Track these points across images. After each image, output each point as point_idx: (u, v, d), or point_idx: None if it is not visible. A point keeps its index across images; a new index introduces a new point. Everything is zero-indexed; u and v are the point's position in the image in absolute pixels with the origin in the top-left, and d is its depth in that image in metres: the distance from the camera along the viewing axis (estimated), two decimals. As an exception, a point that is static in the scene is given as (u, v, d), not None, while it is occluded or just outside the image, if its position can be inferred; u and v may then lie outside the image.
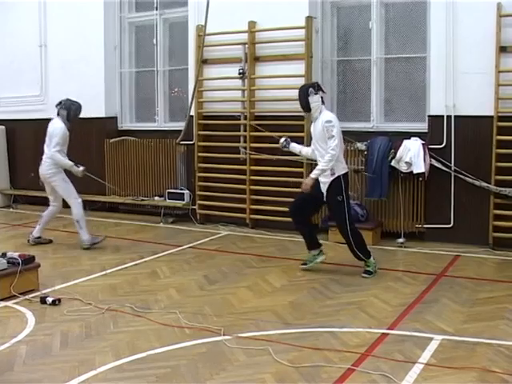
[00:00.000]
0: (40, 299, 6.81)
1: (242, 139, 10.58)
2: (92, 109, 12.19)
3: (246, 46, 10.44)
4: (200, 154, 11.03)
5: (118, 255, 9.00)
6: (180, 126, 11.33)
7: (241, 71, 10.45)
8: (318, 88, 7.70)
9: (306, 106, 7.70)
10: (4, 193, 13.55)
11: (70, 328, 6.02)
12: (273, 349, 5.33)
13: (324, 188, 7.64)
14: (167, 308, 6.54)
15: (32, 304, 6.76)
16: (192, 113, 11.02)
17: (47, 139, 9.61)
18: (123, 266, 8.37)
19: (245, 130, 10.53)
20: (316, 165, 7.74)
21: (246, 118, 10.51)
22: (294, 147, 8.25)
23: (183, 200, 11.15)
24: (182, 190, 11.24)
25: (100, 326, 6.08)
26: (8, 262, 7.12)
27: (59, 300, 6.77)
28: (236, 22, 10.48)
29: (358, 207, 9.49)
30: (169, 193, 11.29)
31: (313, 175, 7.62)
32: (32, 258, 7.38)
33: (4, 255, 7.24)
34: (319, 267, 8.07)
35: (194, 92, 10.85)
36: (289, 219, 9.80)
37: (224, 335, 5.70)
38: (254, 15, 10.40)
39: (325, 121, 7.54)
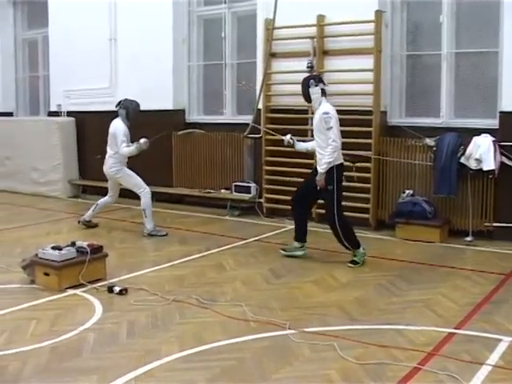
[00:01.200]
0: (107, 288, 6.92)
1: (309, 133, 10.52)
2: (160, 101, 12.38)
3: (315, 39, 10.37)
4: (267, 148, 11.02)
5: (185, 247, 9.06)
6: (247, 119, 11.34)
7: (309, 65, 10.38)
8: (318, 80, 8.03)
9: (307, 97, 8.09)
10: (73, 183, 13.80)
11: (137, 317, 6.10)
12: (338, 345, 5.29)
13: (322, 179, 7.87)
14: (233, 300, 6.56)
15: (99, 293, 6.87)
16: (260, 106, 11.03)
17: (109, 139, 10.06)
18: (189, 258, 8.42)
19: (312, 124, 10.45)
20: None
21: (313, 111, 10.42)
22: (300, 145, 8.63)
23: (250, 193, 11.17)
24: (248, 183, 11.25)
25: (166, 316, 6.14)
26: (77, 251, 7.25)
27: (126, 290, 6.87)
28: (305, 15, 10.41)
29: (425, 204, 9.36)
30: (235, 186, 11.33)
31: (322, 170, 7.82)
32: (100, 248, 7.50)
33: (73, 244, 7.37)
34: (386, 264, 8.00)
35: (262, 85, 10.84)
36: (356, 214, 9.83)
37: (289, 329, 5.68)
38: (322, 9, 10.32)
39: (322, 112, 7.83)
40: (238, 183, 11.35)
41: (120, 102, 10.12)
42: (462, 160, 9.12)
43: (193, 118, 12.58)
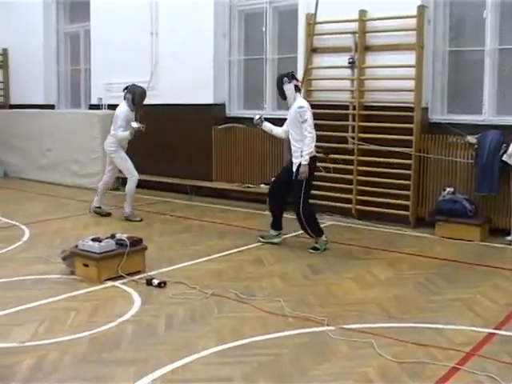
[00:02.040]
0: (146, 281, 6.96)
1: (350, 129, 10.47)
2: (201, 95, 12.43)
3: (356, 35, 10.30)
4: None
5: (223, 241, 9.08)
6: (287, 114, 11.27)
7: (350, 60, 10.32)
8: (291, 77, 8.47)
9: (282, 94, 8.57)
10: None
11: (175, 311, 6.13)
12: (376, 342, 5.26)
13: (294, 167, 8.40)
14: (271, 296, 6.56)
15: (138, 285, 6.93)
16: (300, 101, 10.99)
17: (113, 120, 10.68)
18: (228, 252, 8.44)
19: (353, 120, 10.42)
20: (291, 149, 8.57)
21: (354, 107, 10.39)
22: (266, 126, 9.12)
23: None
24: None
25: (204, 310, 6.16)
26: (116, 244, 7.32)
27: (165, 283, 6.90)
28: (346, 10, 10.34)
29: (466, 202, 9.25)
30: (274, 181, 11.30)
31: (304, 162, 8.25)
32: (139, 241, 7.55)
33: (113, 237, 7.43)
34: (425, 262, 7.94)
35: (302, 81, 10.79)
36: (395, 211, 9.78)
37: (327, 326, 5.66)
38: (364, 4, 10.24)
39: (297, 106, 8.35)
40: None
41: (127, 86, 10.56)
42: (504, 158, 9.00)
43: (233, 113, 12.60)
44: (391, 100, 10.02)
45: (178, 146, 12.87)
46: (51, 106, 16.23)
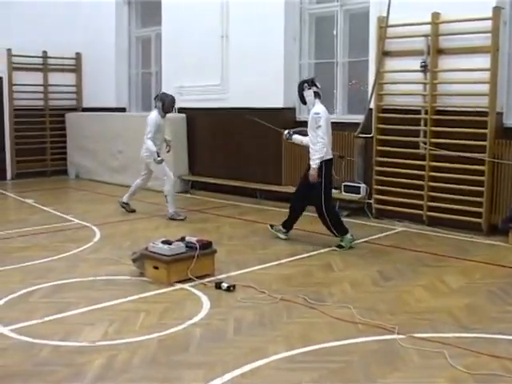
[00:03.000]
0: (215, 284, 7.01)
1: (421, 134, 10.33)
2: (270, 99, 12.43)
3: (429, 37, 10.14)
4: (378, 148, 10.87)
5: (293, 245, 9.07)
6: (358, 118, 11.24)
7: (423, 64, 10.18)
8: (311, 83, 8.94)
9: (302, 99, 9.04)
10: (183, 178, 14.04)
11: (244, 315, 6.14)
12: (448, 352, 5.17)
13: (315, 174, 8.71)
14: (341, 302, 6.52)
15: (207, 288, 6.97)
16: (371, 106, 10.91)
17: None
18: (297, 257, 8.43)
19: (425, 125, 10.27)
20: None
21: (426, 112, 10.25)
22: (296, 138, 9.41)
23: (359, 193, 11.06)
24: (358, 183, 11.14)
25: (273, 315, 6.16)
26: (186, 246, 7.37)
27: (234, 286, 6.93)
28: (419, 13, 10.17)
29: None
30: (345, 186, 11.23)
31: (314, 165, 8.67)
32: (209, 244, 7.60)
33: (183, 239, 7.50)
34: (498, 271, 7.78)
35: (374, 84, 10.73)
36: (468, 218, 9.61)
37: (398, 334, 5.60)
38: (438, 6, 10.06)
39: (314, 112, 8.78)
40: (347, 183, 11.25)
41: (157, 95, 11.43)
42: None
43: (303, 117, 12.52)
44: (464, 104, 9.83)
45: (247, 150, 12.91)
46: (122, 109, 16.52)
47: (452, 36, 10.01)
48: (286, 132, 9.51)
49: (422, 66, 10.20)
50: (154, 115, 11.12)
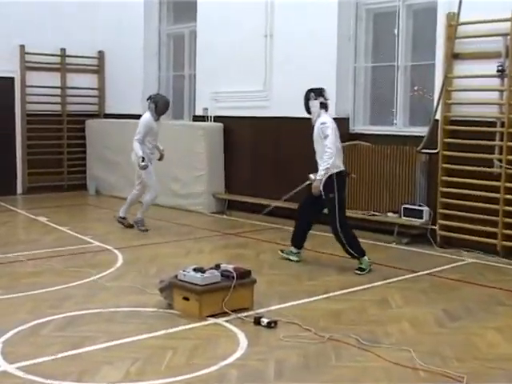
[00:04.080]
0: (254, 319, 6.98)
1: (496, 150, 10.23)
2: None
3: (508, 37, 10.08)
4: (444, 166, 10.80)
5: (344, 277, 9.04)
6: (422, 131, 11.19)
7: (500, 68, 10.11)
8: (318, 94, 9.51)
9: (307, 109, 9.60)
10: (218, 197, 14.07)
11: (286, 356, 6.11)
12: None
13: (321, 186, 9.24)
14: (399, 344, 6.44)
15: (245, 324, 6.95)
16: (437, 116, 10.84)
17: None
18: (349, 290, 8.39)
19: (501, 139, 10.17)
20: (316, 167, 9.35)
21: (503, 124, 10.15)
22: (320, 172, 9.34)
23: (421, 218, 10.98)
24: (420, 206, 11.06)
25: (320, 356, 6.12)
26: (221, 275, 7.36)
27: (275, 322, 6.90)
28: (496, 9, 10.10)
29: None
30: (405, 209, 11.17)
31: (319, 177, 9.22)
32: (248, 273, 7.59)
33: (217, 267, 7.49)
34: None
35: (441, 92, 10.67)
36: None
37: (467, 384, 5.53)
38: (518, 1, 10.04)
39: (320, 123, 9.33)
40: (407, 206, 11.18)
41: (151, 96, 12.12)
42: None
43: (358, 129, 12.53)
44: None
45: (294, 166, 12.84)
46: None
47: (535, 36, 9.94)
48: (312, 175, 9.54)
49: (498, 71, 10.13)
50: (146, 117, 11.91)
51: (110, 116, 17.18)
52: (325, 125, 9.26)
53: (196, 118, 15.10)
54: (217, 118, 14.28)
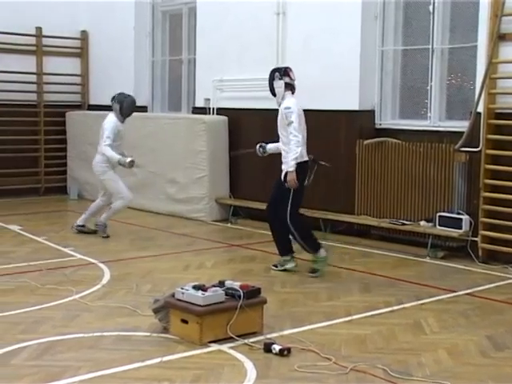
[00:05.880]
0: (264, 346, 6.97)
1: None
2: (342, 99, 12.45)
3: None
4: (488, 167, 10.80)
5: (368, 297, 9.04)
6: (461, 126, 11.20)
7: (555, 52, 10.17)
8: (284, 73, 9.95)
9: (272, 90, 10.05)
10: (222, 202, 14.08)
11: (302, 389, 6.10)
12: None
13: (282, 174, 9.79)
14: (434, 376, 6.42)
15: (253, 351, 6.94)
16: (479, 109, 10.83)
17: (100, 134, 12.42)
18: (375, 312, 8.37)
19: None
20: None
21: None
22: (271, 148, 10.55)
23: (460, 228, 10.95)
24: (459, 214, 11.05)
25: (342, 390, 6.12)
26: (226, 294, 7.35)
27: (289, 350, 6.88)
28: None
29: None
30: (440, 217, 11.16)
31: (290, 168, 9.63)
32: (257, 291, 7.57)
33: (221, 284, 7.49)
34: None
35: (484, 80, 10.66)
36: None
37: (515, 425, 5.52)
38: None
39: (284, 107, 9.78)
40: (443, 214, 11.18)
41: (114, 96, 12.55)
42: None
43: (385, 123, 12.54)
44: None
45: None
46: (142, 109, 16.48)
47: None
48: (258, 146, 10.61)
49: (553, 55, 10.18)
50: (111, 119, 12.40)
51: (95, 107, 17.21)
52: (289, 110, 9.68)
53: (196, 110, 15.15)
54: (220, 110, 14.31)
